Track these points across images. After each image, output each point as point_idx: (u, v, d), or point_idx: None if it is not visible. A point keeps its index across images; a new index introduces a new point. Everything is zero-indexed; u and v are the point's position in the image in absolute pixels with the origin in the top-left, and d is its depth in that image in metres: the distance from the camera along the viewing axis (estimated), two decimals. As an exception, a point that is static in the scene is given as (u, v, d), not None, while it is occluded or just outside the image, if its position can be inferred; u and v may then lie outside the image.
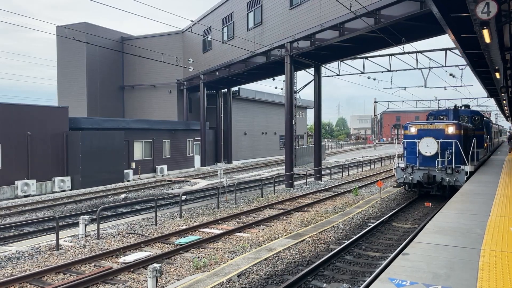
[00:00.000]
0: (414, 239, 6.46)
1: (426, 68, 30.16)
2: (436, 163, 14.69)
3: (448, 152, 14.55)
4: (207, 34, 33.38)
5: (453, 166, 14.52)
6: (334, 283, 7.71)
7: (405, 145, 15.84)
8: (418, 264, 5.28)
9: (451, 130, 14.85)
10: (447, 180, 14.57)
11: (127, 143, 28.43)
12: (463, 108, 19.85)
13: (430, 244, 6.17)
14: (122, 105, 41.29)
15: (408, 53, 26.64)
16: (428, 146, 14.78)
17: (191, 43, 36.83)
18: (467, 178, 14.14)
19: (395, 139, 21.98)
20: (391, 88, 38.24)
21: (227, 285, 7.62)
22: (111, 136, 26.35)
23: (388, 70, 29.89)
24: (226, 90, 39.72)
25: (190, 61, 31.16)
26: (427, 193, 15.93)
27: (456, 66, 29.88)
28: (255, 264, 8.82)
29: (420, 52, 27.51)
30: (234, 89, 40.55)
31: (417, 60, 28.11)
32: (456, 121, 15.95)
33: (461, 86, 36.42)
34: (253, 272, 8.35)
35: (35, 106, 24.08)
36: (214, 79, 33.96)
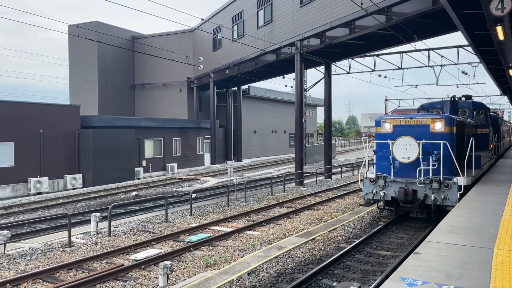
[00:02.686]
0: (426, 238, 6.40)
1: (438, 65, 29.82)
2: (417, 173, 10.83)
3: (434, 158, 10.67)
4: (217, 33, 33.43)
5: (441, 178, 10.62)
6: (344, 281, 7.68)
7: (375, 148, 12.06)
8: (430, 263, 5.23)
9: (438, 126, 11.02)
10: (432, 198, 10.71)
11: (138, 141, 28.62)
12: (463, 99, 15.98)
13: (442, 243, 6.11)
14: (133, 103, 41.57)
15: (419, 50, 26.35)
16: (405, 150, 10.85)
17: (201, 42, 36.92)
18: (462, 195, 10.37)
19: (365, 139, 14.92)
20: (402, 86, 37.86)
21: (237, 283, 7.64)
22: (122, 134, 26.55)
23: (400, 68, 29.63)
24: (236, 88, 39.76)
25: (200, 59, 31.25)
26: (407, 214, 12.14)
27: (469, 63, 29.51)
28: (265, 262, 8.82)
29: (432, 49, 27.23)
30: (244, 87, 40.59)
31: (429, 57, 27.82)
32: (447, 115, 11.88)
33: (474, 83, 35.91)
34: (263, 270, 8.36)
35: (48, 104, 24.37)
36: (224, 78, 34.01)
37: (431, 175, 10.76)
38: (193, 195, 16.90)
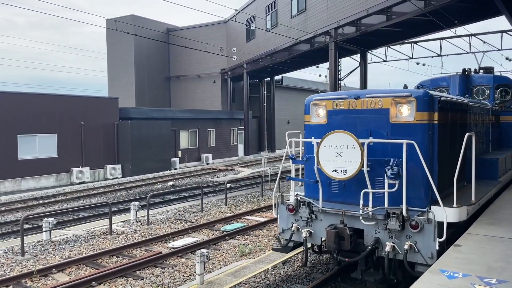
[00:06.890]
0: (467, 231, 6.22)
1: (480, 52, 28.57)
2: (361, 200, 5.93)
3: (391, 172, 5.67)
4: (250, 23, 33.37)
5: (403, 211, 5.65)
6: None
7: (291, 153, 7.11)
8: (471, 256, 5.10)
9: (404, 111, 6.07)
10: (387, 248, 5.72)
11: (173, 132, 29.18)
12: (480, 72, 11.23)
13: (483, 236, 5.92)
14: (168, 95, 42.32)
15: (460, 36, 25.33)
16: (339, 156, 5.98)
17: (235, 33, 36.98)
18: (447, 242, 5.65)
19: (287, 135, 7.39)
20: (441, 73, 36.56)
21: (273, 272, 7.72)
22: (159, 125, 27.15)
23: (439, 55, 28.61)
24: (269, 78, 39.67)
25: (233, 50, 31.31)
26: (355, 267, 6.47)
27: (513, 49, 28.07)
28: (300, 252, 8.84)
29: (474, 35, 26.10)
30: (277, 77, 40.45)
31: (470, 43, 26.70)
32: (421, 91, 6.23)
33: (519, 70, 34.21)
34: (298, 260, 8.39)
35: (88, 97, 25.25)
36: (257, 68, 33.98)
37: (386, 204, 5.81)
38: (228, 185, 17.11)
